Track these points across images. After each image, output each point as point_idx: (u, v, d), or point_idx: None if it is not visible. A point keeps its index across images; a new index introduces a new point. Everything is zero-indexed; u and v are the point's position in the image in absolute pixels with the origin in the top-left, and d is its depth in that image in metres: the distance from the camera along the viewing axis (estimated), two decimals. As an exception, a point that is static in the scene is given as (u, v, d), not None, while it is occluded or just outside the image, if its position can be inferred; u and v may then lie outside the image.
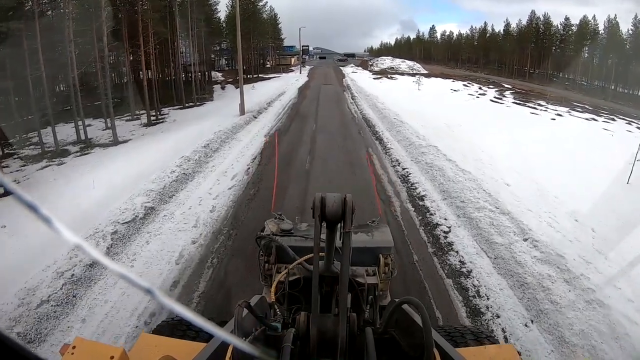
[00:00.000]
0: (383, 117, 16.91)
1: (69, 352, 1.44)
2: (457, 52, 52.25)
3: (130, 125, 21.95)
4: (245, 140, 13.59)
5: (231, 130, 14.51)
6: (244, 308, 1.34)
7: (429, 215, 7.66)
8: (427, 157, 10.70)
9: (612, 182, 9.70)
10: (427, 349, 1.19)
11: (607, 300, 4.85)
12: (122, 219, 7.18)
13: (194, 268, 5.89)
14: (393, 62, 53.26)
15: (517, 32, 46.66)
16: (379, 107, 19.09)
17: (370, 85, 31.00)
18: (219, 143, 12.69)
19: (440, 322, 4.69)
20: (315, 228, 1.34)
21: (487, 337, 2.48)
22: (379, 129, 15.00)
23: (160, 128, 19.74)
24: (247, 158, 11.42)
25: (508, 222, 7.07)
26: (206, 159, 11.19)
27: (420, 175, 9.68)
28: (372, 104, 21.03)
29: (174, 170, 9.78)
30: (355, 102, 23.00)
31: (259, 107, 19.95)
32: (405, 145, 12.17)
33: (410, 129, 13.77)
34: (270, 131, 15.04)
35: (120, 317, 4.77)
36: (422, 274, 5.75)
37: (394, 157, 11.28)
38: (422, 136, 12.63)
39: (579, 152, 13.37)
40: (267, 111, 19.54)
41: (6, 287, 5.14)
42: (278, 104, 21.65)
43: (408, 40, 55.50)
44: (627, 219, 7.40)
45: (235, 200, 8.48)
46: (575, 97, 38.12)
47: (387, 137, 13.55)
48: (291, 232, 2.98)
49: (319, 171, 10.21)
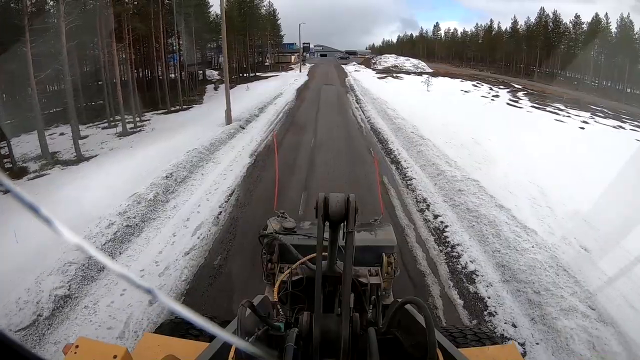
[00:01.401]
0: (397, 128, 13.66)
1: (71, 352, 1.41)
2: (461, 50, 49.53)
3: (105, 134, 18.81)
4: (225, 162, 10.47)
5: (209, 147, 11.37)
6: (246, 308, 1.29)
7: (497, 327, 4.58)
8: (466, 197, 7.57)
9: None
10: (430, 349, 1.15)
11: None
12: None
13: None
14: (397, 60, 50.49)
15: (526, 30, 43.87)
16: (390, 115, 15.84)
17: (376, 86, 27.73)
18: (189, 170, 9.57)
19: None
20: (319, 228, 1.32)
21: (489, 337, 2.41)
22: (393, 146, 11.78)
23: (133, 140, 16.61)
24: (221, 194, 8.30)
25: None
26: (165, 197, 8.08)
27: (463, 232, 6.54)
28: (381, 109, 17.78)
29: (113, 222, 6.68)
30: (361, 107, 19.70)
31: (249, 113, 16.79)
32: (431, 174, 9.02)
33: (433, 149, 10.62)
34: (258, 148, 11.92)
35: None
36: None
37: (419, 194, 8.13)
38: (453, 161, 9.49)
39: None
40: (258, 119, 16.35)
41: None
42: (272, 110, 18.43)
43: (411, 37, 52.79)
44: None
45: (191, 279, 5.42)
46: (589, 99, 35.64)
47: (405, 159, 10.36)
48: (294, 231, 2.85)
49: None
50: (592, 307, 4.70)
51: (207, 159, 10.63)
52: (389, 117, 15.58)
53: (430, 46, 50.75)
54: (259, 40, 43.11)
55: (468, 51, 48.96)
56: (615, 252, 5.99)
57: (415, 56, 49.13)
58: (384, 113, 16.77)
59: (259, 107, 18.61)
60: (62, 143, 16.97)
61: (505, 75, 44.23)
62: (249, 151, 11.47)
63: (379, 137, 13.32)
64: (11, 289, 4.98)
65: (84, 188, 9.37)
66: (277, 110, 18.48)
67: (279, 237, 2.70)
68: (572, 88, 40.79)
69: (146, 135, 17.12)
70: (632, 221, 6.96)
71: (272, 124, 15.69)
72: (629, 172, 10.79)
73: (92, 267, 5.49)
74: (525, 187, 8.40)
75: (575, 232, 6.67)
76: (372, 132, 14.20)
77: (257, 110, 17.69)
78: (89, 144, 17.51)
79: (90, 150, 16.57)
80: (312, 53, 50.66)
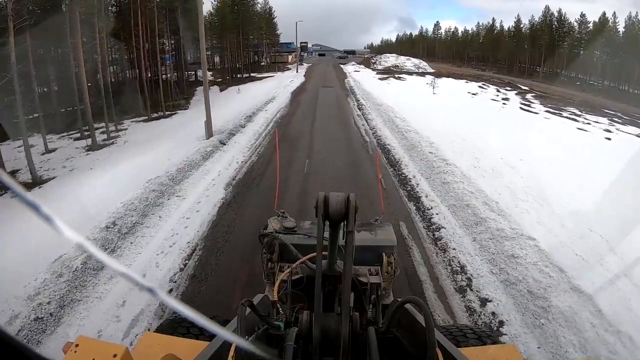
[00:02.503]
0: (410, 146, 11.04)
1: (72, 351, 1.36)
2: (462, 50, 47.61)
3: (75, 147, 16.24)
4: (192, 196, 7.93)
5: (176, 174, 8.84)
6: (246, 307, 1.26)
7: None
8: (524, 270, 5.10)
9: None
10: (429, 348, 1.11)
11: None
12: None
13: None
14: (397, 60, 48.16)
15: (529, 29, 42.03)
16: (400, 127, 13.22)
17: (378, 89, 25.06)
18: (141, 212, 7.04)
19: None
20: (319, 227, 1.30)
21: (489, 337, 2.31)
22: (408, 171, 9.16)
23: (98, 157, 13.99)
24: (177, 257, 5.81)
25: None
26: (98, 263, 5.62)
27: (531, 340, 4.11)
28: (388, 118, 15.15)
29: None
30: (364, 114, 16.97)
31: (234, 123, 14.21)
32: (467, 222, 6.48)
33: (462, 179, 8.10)
34: (237, 174, 9.38)
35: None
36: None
37: (453, 257, 5.65)
38: (493, 201, 6.97)
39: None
40: (243, 131, 13.73)
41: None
42: (261, 119, 15.76)
43: (410, 37, 50.88)
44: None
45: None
46: (598, 101, 33.67)
47: (427, 193, 7.75)
48: (294, 230, 2.82)
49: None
50: None
51: (171, 191, 8.10)
52: (399, 129, 12.98)
53: (431, 45, 48.94)
54: (255, 40, 40.64)
55: (469, 51, 47.12)
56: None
57: (415, 56, 47.09)
58: (391, 123, 14.19)
59: (247, 114, 16.01)
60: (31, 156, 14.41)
61: (509, 76, 42.28)
62: (226, 179, 8.91)
63: (389, 156, 10.70)
64: None
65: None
66: (267, 119, 15.86)
67: (279, 236, 2.65)
68: (578, 89, 39.46)
69: (116, 150, 14.55)
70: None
71: (260, 137, 13.11)
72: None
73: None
74: (590, 245, 5.91)
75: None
76: (380, 149, 11.57)
77: (244, 119, 15.09)
78: (54, 161, 14.96)
79: (52, 169, 14.04)
80: (310, 52, 48.77)
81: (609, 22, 38.77)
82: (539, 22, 42.48)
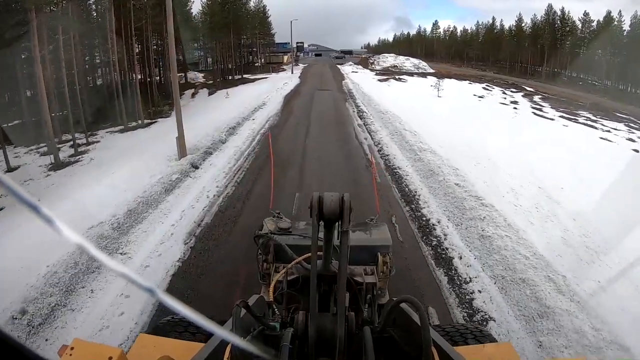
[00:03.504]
0: (429, 172, 8.66)
1: (67, 354, 1.34)
2: (461, 49, 45.73)
3: (39, 164, 13.92)
4: (138, 257, 5.71)
5: (125, 219, 6.62)
6: (242, 308, 1.23)
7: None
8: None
9: None
10: (425, 347, 1.09)
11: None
12: None
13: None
14: (396, 60, 46.11)
15: (531, 28, 40.19)
16: (412, 143, 10.84)
17: (379, 92, 22.73)
18: (64, 289, 4.86)
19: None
20: (313, 227, 1.28)
21: (485, 335, 2.21)
22: (431, 214, 6.72)
23: (54, 181, 11.66)
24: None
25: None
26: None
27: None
28: (394, 130, 12.84)
29: None
30: (366, 124, 14.51)
31: (213, 138, 11.92)
32: (528, 314, 4.34)
33: (506, 229, 5.89)
34: (206, 217, 7.04)
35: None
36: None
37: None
38: (558, 273, 4.83)
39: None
40: (223, 148, 11.36)
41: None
42: (247, 131, 13.39)
43: (408, 36, 48.90)
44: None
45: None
46: (605, 103, 32.05)
47: (461, 253, 5.45)
48: (289, 231, 2.80)
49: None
50: None
51: (112, 248, 5.88)
52: (410, 147, 10.68)
53: (429, 45, 47.16)
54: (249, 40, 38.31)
55: (469, 50, 45.29)
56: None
57: (413, 55, 45.24)
58: (400, 138, 11.91)
59: (232, 125, 13.72)
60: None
61: (510, 76, 40.53)
62: (188, 225, 6.57)
63: (401, 186, 8.32)
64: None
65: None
66: (254, 130, 13.52)
67: (274, 237, 2.63)
68: (581, 89, 37.86)
69: (78, 171, 12.22)
70: None
71: (242, 156, 10.80)
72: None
73: None
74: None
75: None
76: (389, 175, 9.27)
77: (225, 132, 12.78)
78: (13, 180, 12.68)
79: (3, 195, 11.76)
80: (306, 53, 46.73)
81: (614, 21, 37.07)
82: (541, 21, 40.49)
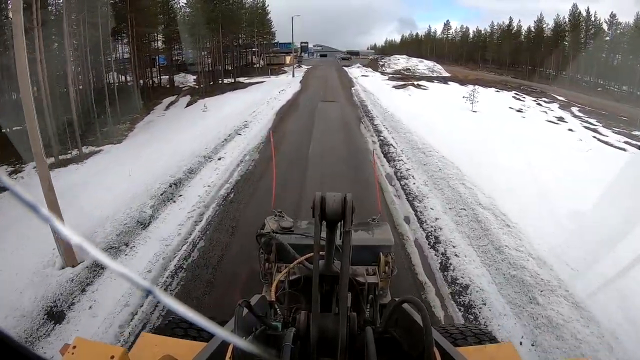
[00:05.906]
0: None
1: (69, 352, 1.30)
2: (473, 51, 41.57)
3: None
4: None
5: None
6: (244, 307, 1.20)
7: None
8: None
9: None
10: (427, 348, 1.07)
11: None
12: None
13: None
14: (409, 62, 41.08)
15: (553, 29, 36.25)
16: (512, 251, 5.43)
17: (400, 105, 17.25)
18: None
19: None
20: (315, 227, 1.24)
21: (487, 336, 2.19)
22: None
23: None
24: None
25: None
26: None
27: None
28: (453, 195, 7.38)
29: None
30: (402, 176, 8.44)
31: (140, 207, 6.51)
32: None
33: None
34: None
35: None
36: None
37: None
38: None
39: None
40: (147, 234, 5.95)
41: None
42: (200, 189, 7.72)
43: (416, 37, 45.04)
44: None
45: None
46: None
47: None
48: (291, 230, 2.72)
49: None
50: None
51: None
52: (504, 257, 5.38)
53: (439, 46, 43.23)
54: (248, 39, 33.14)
55: (484, 52, 40.91)
56: None
57: (422, 57, 41.15)
58: (473, 217, 6.53)
59: (185, 169, 8.36)
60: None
61: (530, 81, 36.42)
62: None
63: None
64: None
65: None
66: (213, 185, 7.84)
67: (276, 236, 2.58)
68: (608, 97, 32.92)
69: None
70: None
71: (175, 266, 5.37)
72: None
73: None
74: None
75: None
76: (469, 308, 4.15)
77: (158, 196, 7.16)
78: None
79: None
80: (311, 53, 42.88)
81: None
82: (565, 23, 35.50)
